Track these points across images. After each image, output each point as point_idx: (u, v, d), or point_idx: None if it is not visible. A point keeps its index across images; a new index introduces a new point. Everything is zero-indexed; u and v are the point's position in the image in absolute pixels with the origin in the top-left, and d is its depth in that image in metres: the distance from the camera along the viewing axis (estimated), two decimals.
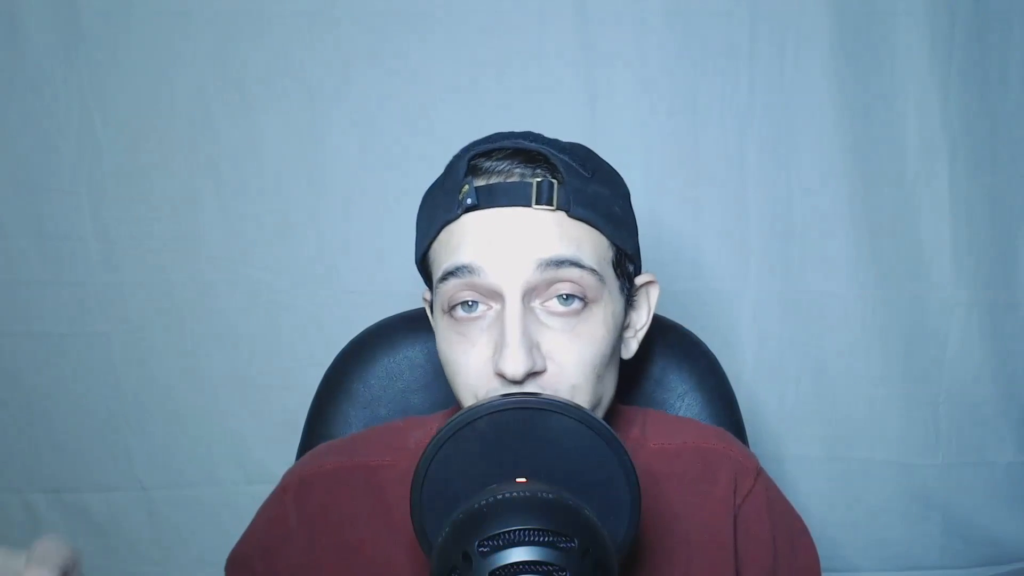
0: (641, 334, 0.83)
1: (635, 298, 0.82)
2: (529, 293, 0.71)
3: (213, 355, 1.49)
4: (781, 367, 1.50)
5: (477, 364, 0.72)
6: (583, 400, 0.72)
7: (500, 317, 0.71)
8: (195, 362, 1.49)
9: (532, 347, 0.70)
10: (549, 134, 0.80)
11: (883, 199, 1.46)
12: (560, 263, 0.71)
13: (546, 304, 0.72)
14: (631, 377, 1.02)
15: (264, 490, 0.87)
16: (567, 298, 0.72)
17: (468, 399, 0.73)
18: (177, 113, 1.43)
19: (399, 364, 1.05)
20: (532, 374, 0.70)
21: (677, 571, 0.79)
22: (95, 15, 1.40)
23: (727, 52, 1.42)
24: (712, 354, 1.05)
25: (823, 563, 0.87)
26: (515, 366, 0.68)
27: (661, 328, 1.04)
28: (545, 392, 0.70)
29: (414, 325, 1.06)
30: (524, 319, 0.70)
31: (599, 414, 0.77)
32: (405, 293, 1.07)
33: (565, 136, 0.80)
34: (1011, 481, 1.54)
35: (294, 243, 1.46)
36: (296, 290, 1.47)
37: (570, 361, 0.72)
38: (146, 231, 1.46)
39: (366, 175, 1.44)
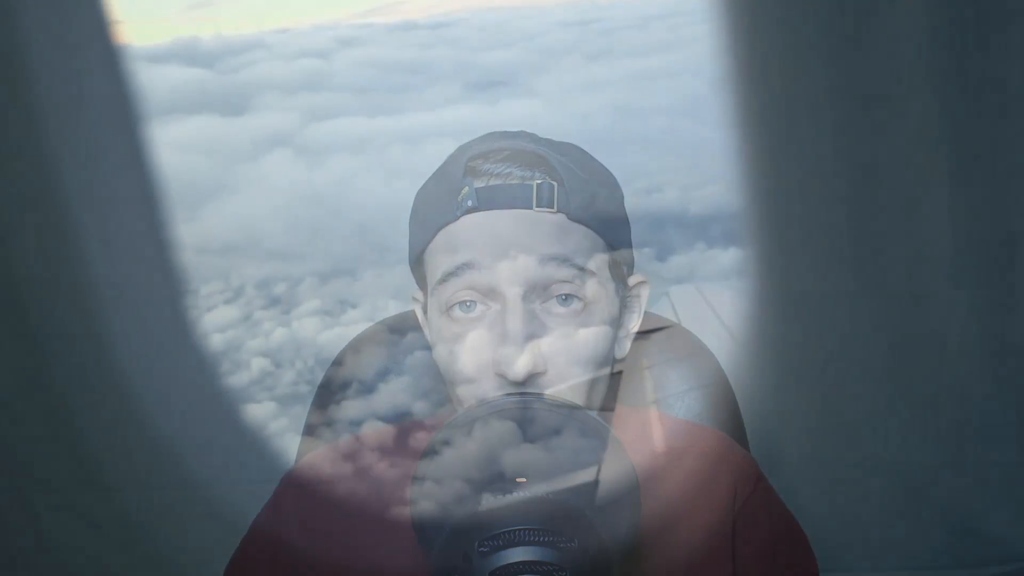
0: (633, 334, 0.83)
1: (628, 299, 0.81)
2: (530, 293, 0.70)
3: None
4: (781, 367, 1.50)
5: (477, 365, 0.71)
6: (580, 401, 0.72)
7: (501, 317, 0.70)
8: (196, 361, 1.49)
9: (534, 348, 0.69)
10: (544, 133, 0.79)
11: (883, 199, 1.46)
12: (561, 264, 0.70)
13: (546, 304, 0.71)
14: (631, 376, 1.00)
15: (265, 490, 0.87)
16: (566, 299, 0.71)
17: (467, 400, 0.72)
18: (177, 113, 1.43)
19: (399, 365, 1.04)
20: (532, 375, 0.69)
21: (676, 574, 0.79)
22: (95, 15, 1.40)
23: (727, 52, 1.42)
24: (712, 354, 1.03)
25: (823, 563, 0.87)
26: (517, 368, 0.68)
27: (661, 328, 1.02)
28: (545, 392, 0.70)
29: (414, 326, 1.05)
30: (525, 319, 0.70)
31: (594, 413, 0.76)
32: (407, 294, 1.06)
33: (564, 137, 0.80)
34: (1011, 481, 1.54)
35: (296, 242, 1.46)
36: (297, 289, 1.47)
37: (569, 363, 0.71)
38: (147, 231, 1.46)
39: (367, 175, 1.44)
